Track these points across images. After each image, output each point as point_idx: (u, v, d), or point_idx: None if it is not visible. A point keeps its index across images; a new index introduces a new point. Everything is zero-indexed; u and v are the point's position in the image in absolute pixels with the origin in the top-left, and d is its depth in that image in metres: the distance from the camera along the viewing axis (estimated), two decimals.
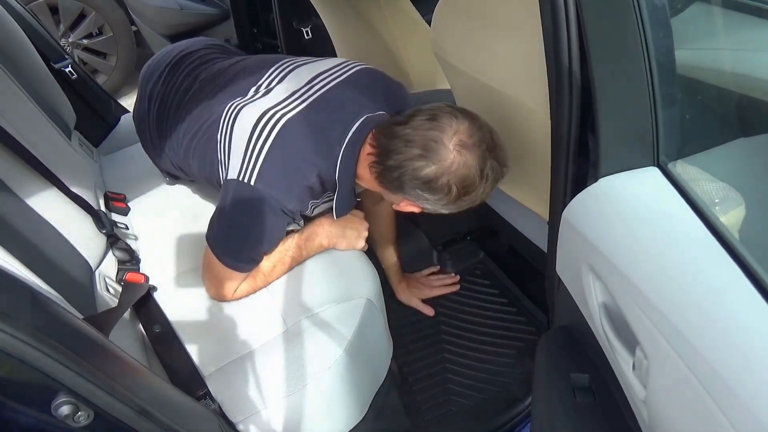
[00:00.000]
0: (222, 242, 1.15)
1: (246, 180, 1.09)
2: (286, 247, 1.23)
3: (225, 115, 1.18)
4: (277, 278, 1.23)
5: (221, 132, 1.18)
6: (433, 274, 1.70)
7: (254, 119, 1.12)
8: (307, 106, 1.14)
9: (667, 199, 0.73)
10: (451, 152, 1.01)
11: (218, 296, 1.20)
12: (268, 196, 1.09)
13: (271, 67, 1.27)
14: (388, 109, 1.21)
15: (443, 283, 1.66)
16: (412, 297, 1.62)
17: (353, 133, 1.13)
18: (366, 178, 1.15)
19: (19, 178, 1.08)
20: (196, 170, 1.32)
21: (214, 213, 1.16)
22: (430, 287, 1.65)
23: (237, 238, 1.15)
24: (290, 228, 1.24)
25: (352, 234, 1.30)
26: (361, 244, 1.31)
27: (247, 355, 1.08)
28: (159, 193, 1.51)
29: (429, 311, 1.60)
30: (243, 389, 1.03)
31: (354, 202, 1.24)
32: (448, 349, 1.49)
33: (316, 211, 1.25)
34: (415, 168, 1.02)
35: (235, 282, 1.17)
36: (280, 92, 1.18)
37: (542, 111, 0.97)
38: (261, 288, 1.22)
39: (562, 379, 0.88)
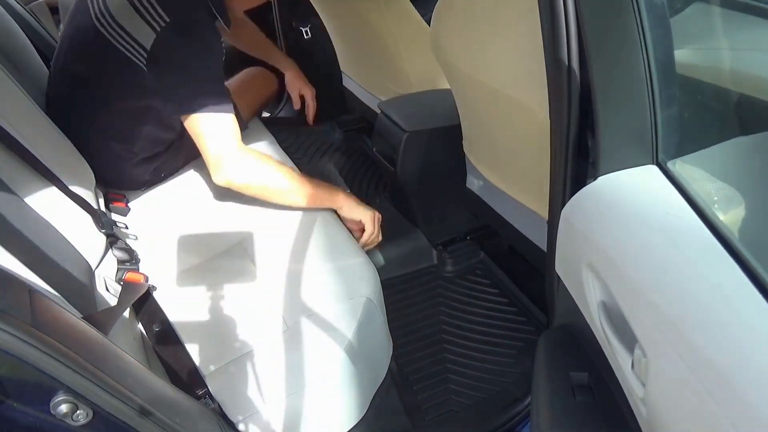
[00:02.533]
0: (189, 94, 1.15)
1: (160, 26, 1.12)
2: (306, 180, 1.27)
3: (96, 16, 1.19)
4: (281, 195, 1.27)
5: (106, 30, 1.18)
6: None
7: None
8: None
9: (666, 197, 0.73)
10: None
11: (229, 162, 1.18)
12: (184, 13, 1.14)
13: None
14: None
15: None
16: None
17: None
18: None
19: (19, 178, 1.08)
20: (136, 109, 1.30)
21: (168, 81, 1.17)
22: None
23: (197, 75, 1.16)
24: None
25: (366, 214, 1.35)
26: (370, 226, 1.35)
27: (246, 354, 1.08)
28: (159, 193, 1.51)
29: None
30: (242, 388, 1.03)
31: None
32: (448, 349, 1.49)
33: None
34: None
35: (232, 132, 1.18)
36: None
37: (542, 110, 0.97)
38: (269, 184, 1.24)
39: (562, 377, 0.88)
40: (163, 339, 1.11)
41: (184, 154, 1.53)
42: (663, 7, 0.77)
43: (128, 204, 1.46)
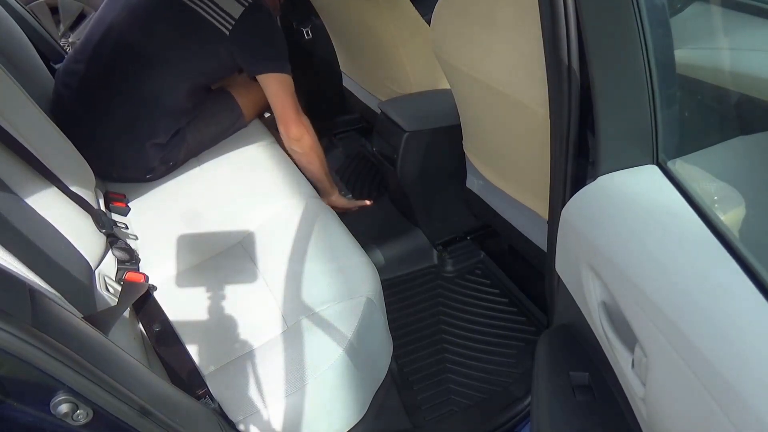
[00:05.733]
0: (274, 57, 1.51)
1: (248, 2, 1.45)
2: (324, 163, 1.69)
3: None
4: (319, 161, 1.65)
5: (192, 2, 1.44)
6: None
7: None
8: None
9: (666, 197, 0.73)
10: None
11: (296, 118, 1.54)
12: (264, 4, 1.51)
13: None
14: None
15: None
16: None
17: None
18: None
19: (19, 178, 1.08)
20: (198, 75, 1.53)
21: (252, 44, 1.48)
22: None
23: (276, 42, 1.52)
24: None
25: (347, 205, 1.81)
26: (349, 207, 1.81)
27: (247, 354, 1.08)
28: (159, 193, 1.51)
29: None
30: (243, 389, 1.03)
31: None
32: (448, 348, 1.49)
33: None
34: None
35: (294, 93, 1.55)
36: None
37: (542, 110, 0.97)
38: (313, 144, 1.61)
39: (562, 377, 0.88)
40: (163, 339, 1.11)
41: (186, 148, 1.58)
42: (663, 8, 0.77)
43: (128, 204, 1.46)
